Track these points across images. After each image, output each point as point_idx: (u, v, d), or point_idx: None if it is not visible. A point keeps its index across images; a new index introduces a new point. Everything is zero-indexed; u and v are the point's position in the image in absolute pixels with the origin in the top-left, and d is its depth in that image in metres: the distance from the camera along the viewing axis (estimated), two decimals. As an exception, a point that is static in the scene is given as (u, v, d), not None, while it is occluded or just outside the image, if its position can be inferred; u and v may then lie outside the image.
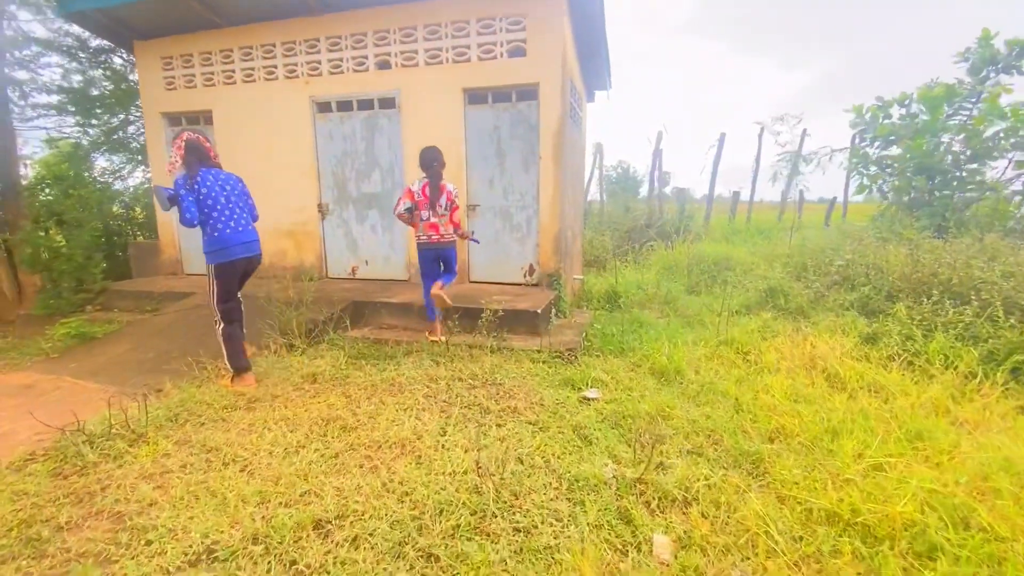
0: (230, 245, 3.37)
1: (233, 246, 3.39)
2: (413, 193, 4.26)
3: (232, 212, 3.43)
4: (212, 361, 3.68)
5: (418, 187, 4.27)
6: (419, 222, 4.28)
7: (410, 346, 4.27)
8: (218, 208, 3.36)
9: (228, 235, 3.37)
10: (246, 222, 3.54)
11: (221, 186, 3.43)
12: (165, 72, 6.55)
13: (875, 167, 7.21)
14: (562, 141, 5.37)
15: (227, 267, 3.40)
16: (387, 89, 5.76)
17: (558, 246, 5.54)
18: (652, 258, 8.75)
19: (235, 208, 3.46)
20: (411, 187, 4.29)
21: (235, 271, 3.45)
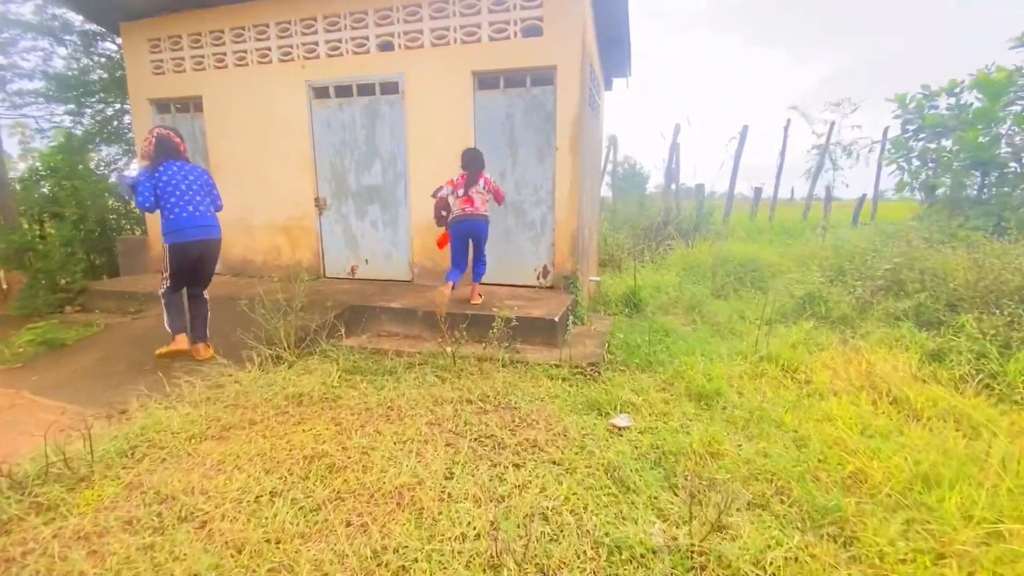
0: (184, 228, 3.61)
1: (187, 228, 3.62)
2: (453, 180, 4.51)
3: (191, 199, 3.67)
4: (187, 376, 3.23)
5: (457, 177, 4.52)
6: (455, 200, 4.45)
7: (412, 358, 3.80)
8: (176, 195, 3.61)
9: (184, 219, 3.61)
10: (204, 208, 3.76)
11: (184, 176, 3.69)
12: (152, 55, 6.09)
13: (918, 161, 6.65)
14: (580, 131, 4.87)
15: (179, 248, 3.63)
16: (389, 73, 5.27)
17: (575, 246, 5.05)
18: (671, 258, 8.24)
19: (194, 196, 3.70)
20: (452, 179, 4.54)
21: (188, 252, 3.67)
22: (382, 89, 5.38)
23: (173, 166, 3.66)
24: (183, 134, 6.29)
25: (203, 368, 3.34)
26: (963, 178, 6.05)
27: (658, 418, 2.95)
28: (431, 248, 5.49)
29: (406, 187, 5.47)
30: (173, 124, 6.26)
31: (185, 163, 3.77)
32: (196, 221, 3.66)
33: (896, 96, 6.78)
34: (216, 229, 3.84)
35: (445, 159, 5.21)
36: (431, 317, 4.28)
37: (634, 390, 3.32)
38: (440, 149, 5.24)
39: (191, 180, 3.71)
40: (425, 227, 5.47)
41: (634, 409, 3.06)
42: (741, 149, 9.75)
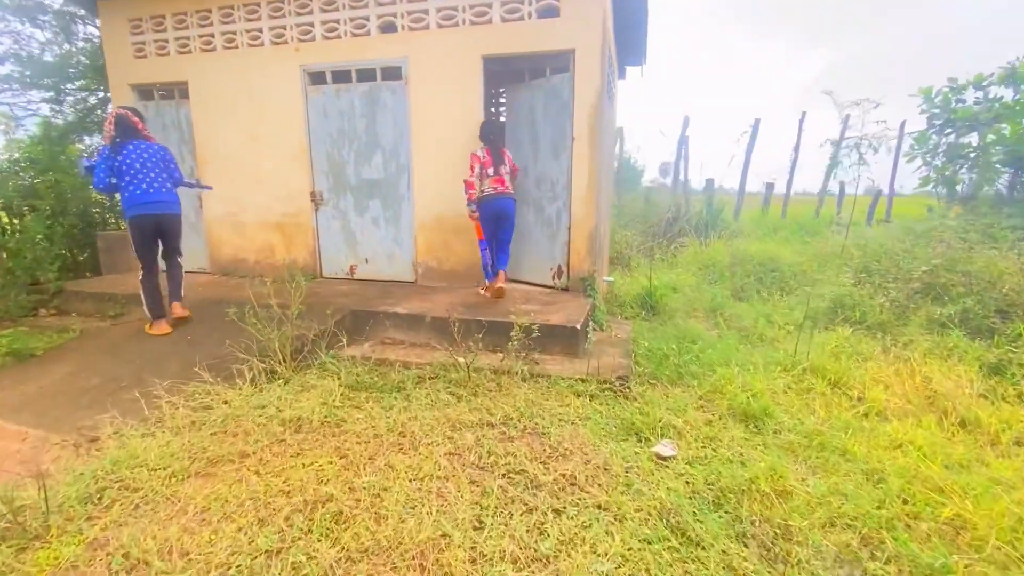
0: (138, 203, 3.83)
1: (141, 204, 3.84)
2: (479, 156, 4.41)
3: (145, 176, 3.85)
4: (168, 395, 2.85)
5: (481, 151, 4.43)
6: (484, 180, 4.40)
7: (421, 370, 3.44)
8: (131, 173, 3.81)
9: (137, 195, 3.82)
10: (159, 184, 3.91)
11: (139, 154, 3.87)
12: (134, 36, 5.63)
13: (943, 157, 6.35)
14: (599, 121, 4.50)
15: (135, 222, 3.87)
16: (392, 56, 4.87)
17: (592, 245, 4.70)
18: (682, 256, 7.91)
19: (148, 173, 3.87)
20: (475, 152, 4.44)
21: (143, 227, 3.89)
22: (384, 75, 4.98)
23: (130, 146, 3.85)
24: (167, 122, 5.91)
25: (187, 386, 2.95)
26: (994, 175, 5.75)
27: (705, 444, 2.61)
28: (436, 246, 5.11)
29: (409, 181, 5.08)
30: (157, 111, 5.83)
31: (143, 142, 3.95)
32: (150, 197, 3.85)
33: (922, 90, 6.46)
34: (173, 204, 4.00)
35: (452, 151, 4.84)
36: (440, 324, 3.92)
37: (671, 409, 2.98)
38: (447, 141, 4.86)
39: (146, 158, 3.88)
40: (430, 224, 5.09)
41: (676, 433, 2.72)
42: (753, 143, 9.41)
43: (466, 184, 4.41)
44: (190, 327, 3.91)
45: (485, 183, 4.40)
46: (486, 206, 4.40)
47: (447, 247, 5.09)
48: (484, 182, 4.40)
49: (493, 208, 4.40)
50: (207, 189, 5.13)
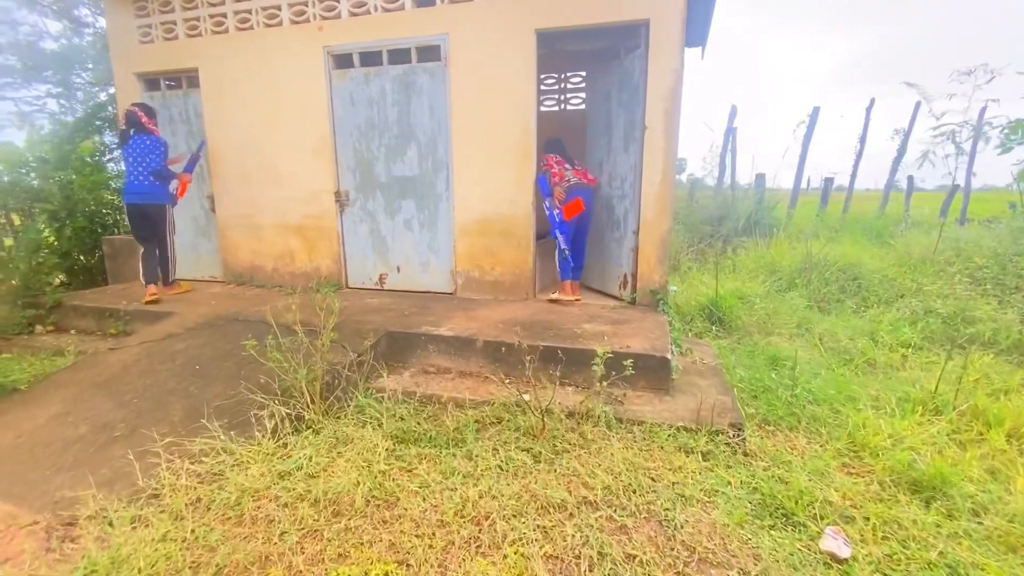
0: (125, 193, 4.49)
1: (127, 194, 4.47)
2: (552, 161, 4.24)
3: (133, 169, 4.37)
4: (168, 453, 2.23)
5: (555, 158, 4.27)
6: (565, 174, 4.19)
7: (479, 411, 2.78)
8: (126, 165, 4.44)
9: (125, 186, 4.48)
10: (143, 177, 4.36)
11: (134, 148, 4.36)
12: (139, 19, 5.05)
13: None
14: (677, 107, 3.79)
15: (126, 209, 4.62)
16: (430, 34, 4.21)
17: (664, 251, 4.00)
18: (741, 260, 7.14)
19: (137, 166, 4.35)
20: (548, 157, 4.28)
21: (131, 214, 4.50)
22: (420, 55, 4.32)
23: (132, 139, 4.36)
24: (174, 114, 5.31)
25: (192, 442, 2.32)
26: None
27: (883, 533, 1.92)
28: (479, 253, 4.45)
29: (448, 178, 4.42)
30: (163, 103, 5.24)
31: (142, 135, 4.36)
32: (131, 188, 4.39)
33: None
34: (150, 195, 4.40)
35: (499, 144, 4.17)
36: (494, 349, 3.26)
37: (811, 473, 2.29)
38: (494, 131, 4.19)
39: (136, 151, 4.34)
40: (472, 228, 4.43)
41: (834, 512, 2.03)
42: (811, 134, 8.58)
43: (550, 173, 4.17)
44: (199, 353, 3.30)
45: (568, 175, 4.19)
46: (571, 194, 4.14)
47: (491, 254, 4.43)
48: (566, 175, 4.19)
49: (577, 196, 4.12)
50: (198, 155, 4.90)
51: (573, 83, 6.07)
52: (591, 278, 4.53)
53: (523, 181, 4.20)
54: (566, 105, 6.11)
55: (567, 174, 4.19)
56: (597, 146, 4.45)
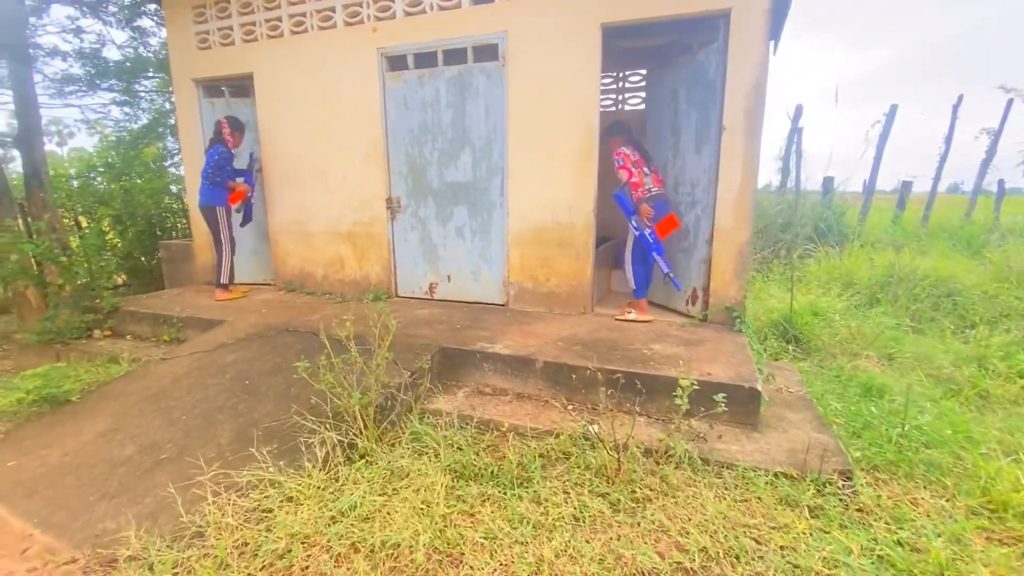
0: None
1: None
2: (627, 153, 3.85)
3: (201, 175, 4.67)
4: (215, 484, 2.07)
5: (628, 149, 3.88)
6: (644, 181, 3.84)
7: (543, 442, 2.51)
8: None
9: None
10: (202, 181, 4.63)
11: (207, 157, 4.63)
12: (197, 26, 5.07)
13: None
14: (760, 105, 3.42)
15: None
16: (487, 32, 3.99)
17: (743, 263, 3.63)
18: (810, 270, 6.60)
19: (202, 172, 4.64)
20: (622, 150, 3.87)
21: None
22: (476, 55, 4.11)
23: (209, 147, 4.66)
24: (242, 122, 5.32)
25: (240, 470, 2.16)
26: None
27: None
28: (534, 264, 4.20)
29: (503, 184, 4.19)
30: (227, 110, 5.25)
31: (216, 144, 4.62)
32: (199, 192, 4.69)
33: None
34: (202, 197, 4.65)
35: (559, 148, 3.91)
36: (555, 371, 2.99)
37: (946, 537, 1.90)
38: (553, 135, 3.93)
39: (207, 158, 4.62)
40: (527, 237, 4.18)
41: (992, 598, 1.64)
42: (887, 134, 7.90)
43: (630, 185, 3.82)
44: (248, 367, 3.18)
45: (647, 180, 3.84)
46: (659, 207, 3.80)
47: (547, 265, 4.16)
48: (645, 179, 3.84)
49: (660, 207, 3.81)
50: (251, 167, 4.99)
51: (632, 82, 5.73)
52: (652, 292, 4.19)
53: (583, 186, 3.91)
54: (624, 105, 5.78)
55: (646, 180, 3.82)
56: (661, 148, 4.12)
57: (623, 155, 3.83)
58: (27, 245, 3.96)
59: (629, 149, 3.86)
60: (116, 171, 9.43)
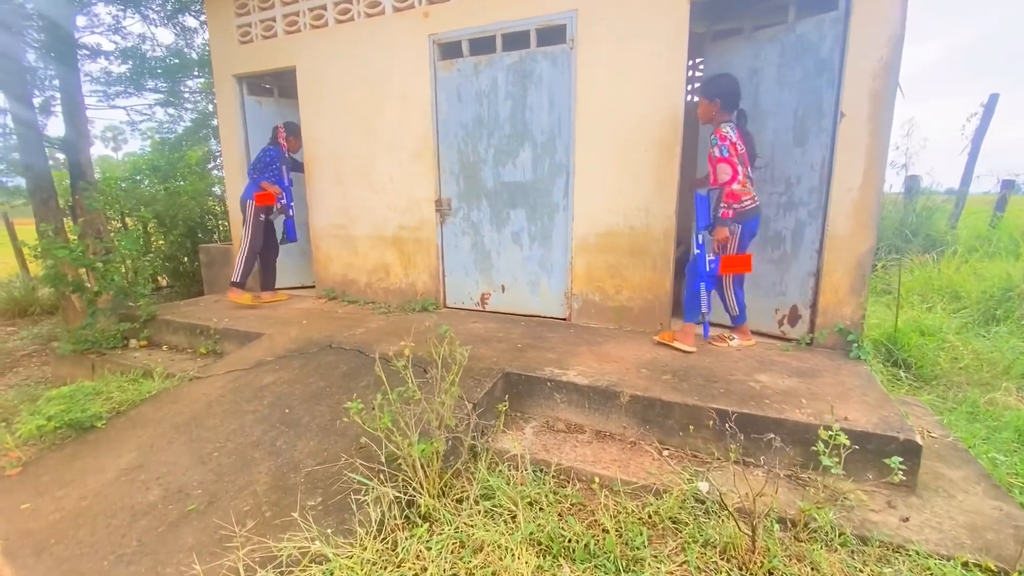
0: None
1: None
2: (731, 139, 2.84)
3: None
4: (250, 549, 1.67)
5: (732, 131, 2.88)
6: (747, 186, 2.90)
7: (641, 501, 2.02)
8: None
9: None
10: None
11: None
12: (239, 18, 4.81)
13: None
14: (892, 86, 2.83)
15: None
16: (553, 12, 3.53)
17: (863, 277, 3.04)
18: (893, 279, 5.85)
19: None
20: (724, 131, 2.86)
21: None
22: (540, 38, 3.66)
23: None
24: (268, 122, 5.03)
25: (280, 543, 1.75)
26: None
27: None
28: (601, 274, 3.71)
29: (568, 183, 3.72)
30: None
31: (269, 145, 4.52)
32: None
33: None
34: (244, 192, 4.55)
35: (635, 143, 3.42)
36: (644, 407, 2.49)
37: None
38: (628, 128, 3.44)
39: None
40: (595, 243, 3.70)
41: None
42: (985, 128, 7.03)
43: (728, 196, 2.84)
44: (288, 391, 2.81)
45: (751, 186, 2.95)
46: (748, 225, 3.00)
47: (617, 275, 3.67)
48: (749, 185, 2.93)
49: (753, 228, 3.05)
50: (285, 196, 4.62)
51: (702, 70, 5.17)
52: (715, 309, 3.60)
53: (664, 186, 3.40)
54: (694, 96, 5.22)
55: (750, 186, 2.92)
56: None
57: (727, 140, 2.83)
58: (60, 250, 3.73)
59: (735, 132, 2.87)
60: (161, 173, 9.46)
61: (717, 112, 2.96)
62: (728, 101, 2.95)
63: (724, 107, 2.95)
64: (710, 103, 2.97)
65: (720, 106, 2.95)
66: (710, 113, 3.00)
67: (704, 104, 3.00)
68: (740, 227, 2.97)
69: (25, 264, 7.92)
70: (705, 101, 2.99)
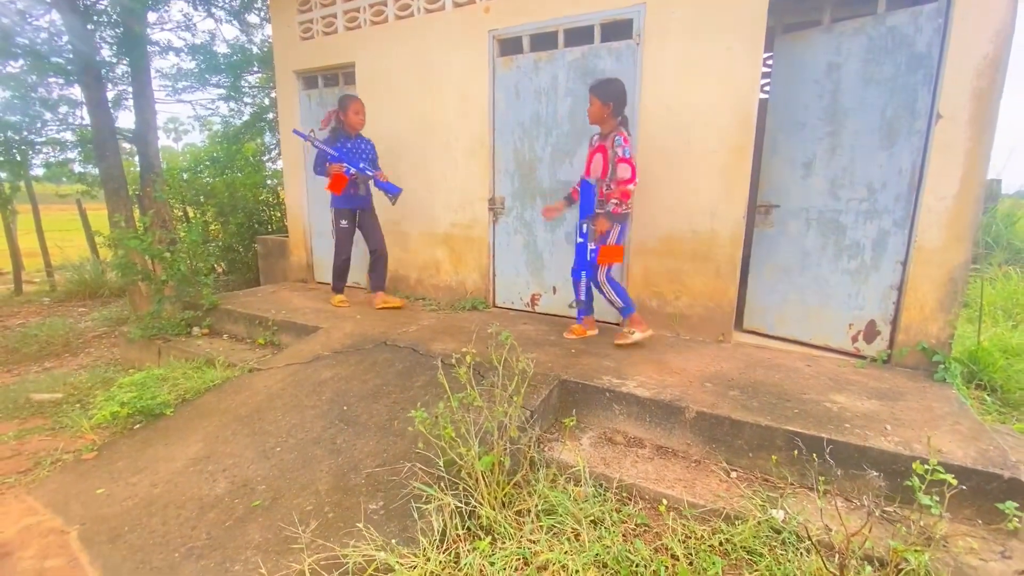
0: None
1: None
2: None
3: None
4: (314, 553, 1.67)
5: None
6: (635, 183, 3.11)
7: (710, 526, 1.92)
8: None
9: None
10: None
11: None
12: (301, 14, 4.89)
13: None
14: (998, 84, 2.58)
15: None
16: (621, 6, 3.40)
17: (955, 293, 2.80)
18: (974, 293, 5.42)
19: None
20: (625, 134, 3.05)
21: None
22: (604, 34, 3.54)
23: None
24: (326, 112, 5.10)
25: (345, 549, 1.75)
26: None
27: None
28: (660, 278, 3.59)
29: (628, 184, 3.58)
30: (320, 101, 5.05)
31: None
32: None
33: None
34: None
35: (703, 140, 3.28)
36: (709, 424, 2.37)
37: None
38: (697, 124, 3.29)
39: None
40: (653, 246, 3.58)
41: None
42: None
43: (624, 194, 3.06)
44: (346, 387, 2.83)
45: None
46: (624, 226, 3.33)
47: (676, 280, 3.53)
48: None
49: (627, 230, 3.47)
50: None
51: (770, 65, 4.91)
52: (797, 322, 3.38)
53: (733, 189, 3.23)
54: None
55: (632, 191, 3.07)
56: (802, 139, 3.23)
57: (630, 144, 3.00)
58: (132, 241, 3.90)
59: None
60: (220, 165, 9.83)
61: (608, 115, 3.02)
62: (619, 107, 3.02)
63: (615, 112, 3.01)
64: (603, 105, 3.00)
65: (611, 110, 3.01)
66: (602, 115, 3.04)
67: (598, 105, 3.03)
68: (620, 227, 3.15)
69: (95, 248, 8.41)
70: (599, 102, 3.01)
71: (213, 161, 10.11)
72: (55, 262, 8.28)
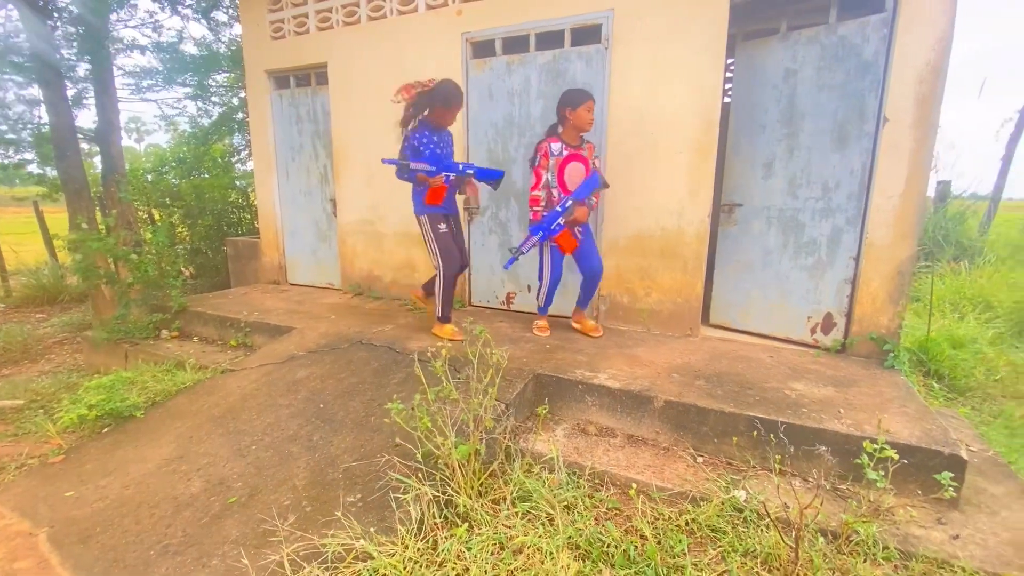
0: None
1: None
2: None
3: None
4: (291, 549, 1.69)
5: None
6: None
7: (677, 508, 2.02)
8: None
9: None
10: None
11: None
12: (272, 13, 4.85)
13: None
14: (939, 90, 2.77)
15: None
16: (591, 11, 3.51)
17: (902, 286, 2.98)
18: (922, 288, 5.74)
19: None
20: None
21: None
22: (575, 38, 3.64)
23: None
24: (301, 113, 5.05)
25: (324, 539, 1.78)
26: None
27: None
28: (631, 275, 3.70)
29: (599, 184, 3.69)
30: (292, 101, 5.02)
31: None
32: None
33: None
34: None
35: (669, 142, 3.40)
36: (678, 414, 2.47)
37: None
38: (663, 126, 3.41)
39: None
40: (624, 244, 3.69)
41: None
42: (1020, 134, 6.85)
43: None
44: (321, 386, 2.84)
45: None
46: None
47: (647, 276, 3.65)
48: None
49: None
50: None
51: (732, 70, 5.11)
52: (760, 316, 3.54)
53: (698, 188, 3.37)
54: (723, 98, 5.15)
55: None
56: (763, 142, 3.39)
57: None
58: (94, 243, 3.80)
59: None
60: (187, 166, 9.59)
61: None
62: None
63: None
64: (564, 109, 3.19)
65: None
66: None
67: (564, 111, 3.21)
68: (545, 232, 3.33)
69: (54, 252, 8.11)
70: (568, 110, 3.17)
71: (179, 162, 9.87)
72: (10, 267, 7.95)
